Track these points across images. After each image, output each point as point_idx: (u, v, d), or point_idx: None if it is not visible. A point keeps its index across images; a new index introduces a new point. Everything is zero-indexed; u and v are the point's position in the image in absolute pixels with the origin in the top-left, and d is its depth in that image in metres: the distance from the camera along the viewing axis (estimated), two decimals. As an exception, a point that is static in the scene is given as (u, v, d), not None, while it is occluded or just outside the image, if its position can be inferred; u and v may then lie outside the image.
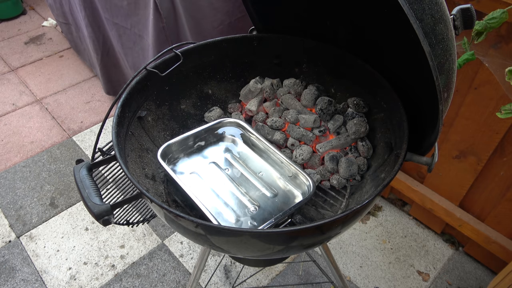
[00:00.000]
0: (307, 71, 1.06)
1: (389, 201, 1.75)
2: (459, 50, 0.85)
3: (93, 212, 0.64)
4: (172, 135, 1.00)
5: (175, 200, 0.90)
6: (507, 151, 1.23)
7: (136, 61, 1.74)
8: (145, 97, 0.94)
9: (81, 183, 0.69)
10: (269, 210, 0.83)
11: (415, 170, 1.55)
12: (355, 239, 1.61)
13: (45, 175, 1.88)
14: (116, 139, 0.77)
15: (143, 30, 1.56)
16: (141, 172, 0.86)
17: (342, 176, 0.91)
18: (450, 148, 1.36)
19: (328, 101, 0.96)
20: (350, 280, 1.49)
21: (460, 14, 0.64)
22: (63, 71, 2.56)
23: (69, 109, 2.28)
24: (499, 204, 1.33)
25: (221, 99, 1.09)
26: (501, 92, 1.14)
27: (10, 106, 2.31)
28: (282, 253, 0.77)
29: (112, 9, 1.63)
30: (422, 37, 0.54)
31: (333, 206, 0.90)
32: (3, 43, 2.82)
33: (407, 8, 0.53)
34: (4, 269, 1.52)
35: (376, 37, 0.87)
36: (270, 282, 1.49)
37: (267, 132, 0.99)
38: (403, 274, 1.50)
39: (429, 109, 0.70)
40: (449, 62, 0.59)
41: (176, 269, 1.53)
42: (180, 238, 1.62)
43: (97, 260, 1.56)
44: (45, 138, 2.09)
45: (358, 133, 0.92)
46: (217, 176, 0.90)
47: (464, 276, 1.50)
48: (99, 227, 1.67)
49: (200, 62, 1.02)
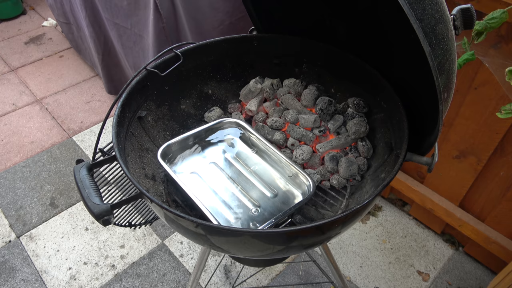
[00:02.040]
0: (307, 71, 1.06)
1: (389, 201, 1.75)
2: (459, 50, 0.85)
3: (93, 212, 0.64)
4: (172, 135, 1.00)
5: (175, 200, 0.90)
6: (507, 151, 1.23)
7: (137, 61, 1.74)
8: (145, 97, 0.94)
9: (81, 183, 0.69)
10: (269, 210, 0.83)
11: (415, 170, 1.55)
12: (355, 239, 1.61)
13: (45, 175, 1.88)
14: (116, 139, 0.77)
15: (143, 30, 1.56)
16: (141, 172, 0.86)
17: (342, 176, 0.91)
18: (450, 148, 1.36)
19: (328, 101, 0.96)
20: (350, 280, 1.49)
21: (460, 14, 0.64)
22: (63, 71, 2.56)
23: (69, 109, 2.28)
24: (499, 204, 1.33)
25: (221, 99, 1.09)
26: (501, 92, 1.14)
27: (10, 106, 2.31)
28: (282, 253, 0.77)
29: (112, 9, 1.63)
30: (422, 37, 0.54)
31: (333, 206, 0.90)
32: (3, 43, 2.82)
33: (407, 8, 0.53)
34: (4, 269, 1.52)
35: (376, 37, 0.87)
36: (270, 282, 1.49)
37: (267, 132, 0.99)
38: (403, 274, 1.50)
39: (429, 109, 0.70)
40: (449, 62, 0.59)
41: (176, 269, 1.53)
42: (180, 238, 1.62)
43: (97, 260, 1.56)
44: (45, 138, 2.09)
45: (358, 133, 0.92)
46: (217, 176, 0.90)
47: (464, 276, 1.50)
48: (99, 227, 1.67)
49: (200, 62, 1.02)
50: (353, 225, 1.40)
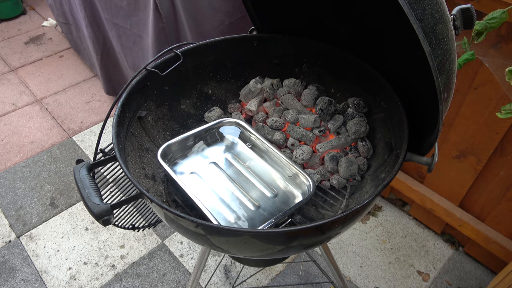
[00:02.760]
0: (307, 71, 1.06)
1: (389, 201, 1.75)
2: (459, 50, 0.85)
3: (93, 212, 0.64)
4: (172, 135, 1.00)
5: (175, 200, 0.90)
6: (507, 151, 1.23)
7: (136, 61, 1.74)
8: (145, 97, 0.94)
9: (81, 183, 0.69)
10: (269, 210, 0.83)
11: (415, 170, 1.55)
12: (355, 239, 1.61)
13: (45, 175, 1.88)
14: (116, 139, 0.77)
15: (142, 31, 1.56)
16: (141, 172, 0.86)
17: (342, 176, 0.91)
18: (450, 148, 1.36)
19: (328, 101, 0.96)
20: (350, 280, 1.49)
21: (460, 14, 0.64)
22: (63, 71, 2.56)
23: (69, 109, 2.28)
24: (499, 204, 1.33)
25: (221, 99, 1.09)
26: (501, 92, 1.14)
27: (10, 106, 2.31)
28: (282, 253, 0.77)
29: (111, 9, 1.63)
30: (422, 37, 0.54)
31: (333, 206, 0.90)
32: (3, 43, 2.82)
33: (407, 8, 0.53)
34: (4, 269, 1.52)
35: (376, 37, 0.87)
36: (270, 282, 1.49)
37: (267, 132, 0.99)
38: (403, 274, 1.50)
39: (429, 109, 0.70)
40: (449, 62, 0.59)
41: (176, 269, 1.53)
42: (180, 238, 1.62)
43: (97, 260, 1.56)
44: (45, 138, 2.09)
45: (358, 133, 0.92)
46: (217, 176, 0.90)
47: (464, 276, 1.50)
48: (99, 227, 1.67)
49: (200, 62, 1.02)
50: (353, 225, 1.40)
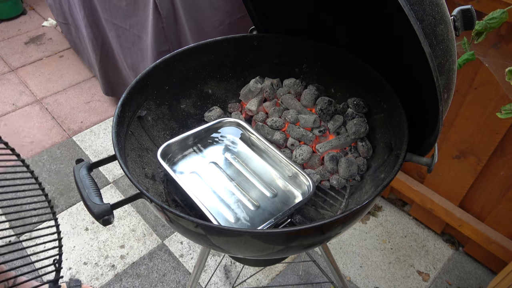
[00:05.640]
0: (307, 71, 1.06)
1: (389, 201, 1.75)
2: (459, 50, 0.85)
3: (93, 212, 0.64)
4: (172, 135, 1.00)
5: (175, 200, 0.90)
6: (507, 151, 1.23)
7: (135, 62, 1.74)
8: (145, 96, 0.94)
9: (81, 183, 0.69)
10: (269, 210, 0.83)
11: (415, 170, 1.55)
12: (355, 239, 1.61)
13: (45, 175, 1.88)
14: (116, 138, 0.77)
15: (142, 31, 1.56)
16: (141, 172, 0.86)
17: (342, 176, 0.91)
18: (450, 148, 1.36)
19: (328, 101, 0.96)
20: (350, 280, 1.49)
21: (460, 15, 0.64)
22: (63, 71, 2.56)
23: (69, 109, 2.28)
24: (499, 204, 1.33)
25: (221, 99, 1.09)
26: (501, 92, 1.14)
27: (10, 106, 2.30)
28: (282, 253, 0.77)
29: (111, 10, 1.63)
30: (422, 38, 0.54)
31: (333, 206, 0.90)
32: (3, 43, 2.82)
33: (408, 9, 0.53)
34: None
35: (376, 37, 0.87)
36: (270, 282, 1.49)
37: (267, 132, 0.99)
38: (403, 274, 1.50)
39: (429, 110, 0.70)
40: (449, 62, 0.59)
41: (176, 269, 1.53)
42: (180, 238, 1.62)
43: (97, 260, 1.56)
44: (45, 138, 2.09)
45: (358, 133, 0.92)
46: (217, 176, 0.90)
47: (464, 276, 1.50)
48: (99, 227, 1.67)
49: (200, 62, 1.02)
50: (353, 225, 1.40)
